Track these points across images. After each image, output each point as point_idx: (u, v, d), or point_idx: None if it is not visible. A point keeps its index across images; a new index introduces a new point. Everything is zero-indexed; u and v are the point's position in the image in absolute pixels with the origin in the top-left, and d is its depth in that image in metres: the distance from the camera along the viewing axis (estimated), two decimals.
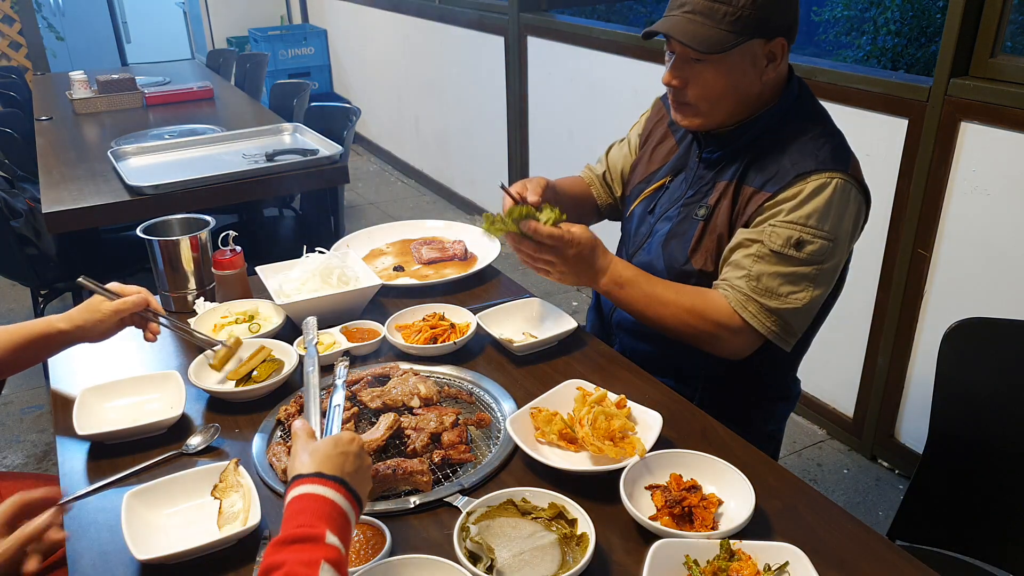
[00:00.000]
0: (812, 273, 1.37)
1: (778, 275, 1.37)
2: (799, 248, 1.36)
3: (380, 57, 5.74)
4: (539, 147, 4.14)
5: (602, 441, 1.19)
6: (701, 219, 1.48)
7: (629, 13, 9.19)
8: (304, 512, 0.84)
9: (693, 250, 1.48)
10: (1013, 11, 2.11)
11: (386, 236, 2.06)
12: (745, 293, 1.38)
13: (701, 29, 1.34)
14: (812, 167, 1.36)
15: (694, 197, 1.51)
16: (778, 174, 1.39)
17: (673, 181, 1.59)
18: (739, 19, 1.33)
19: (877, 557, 1.04)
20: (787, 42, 1.39)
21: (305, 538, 0.80)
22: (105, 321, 1.39)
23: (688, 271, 1.49)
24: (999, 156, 2.10)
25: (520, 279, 2.05)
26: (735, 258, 1.41)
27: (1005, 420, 1.39)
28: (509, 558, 1.00)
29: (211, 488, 1.14)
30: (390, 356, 1.53)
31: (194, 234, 1.69)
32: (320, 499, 0.86)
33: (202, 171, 2.60)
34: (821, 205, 1.35)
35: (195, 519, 1.11)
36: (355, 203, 5.20)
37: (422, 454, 1.21)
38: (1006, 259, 2.14)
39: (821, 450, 2.75)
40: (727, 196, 1.45)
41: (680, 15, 1.37)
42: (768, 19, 1.35)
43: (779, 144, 1.42)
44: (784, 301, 1.38)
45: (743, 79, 1.39)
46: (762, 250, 1.37)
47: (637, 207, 1.65)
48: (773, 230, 1.37)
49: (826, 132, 1.44)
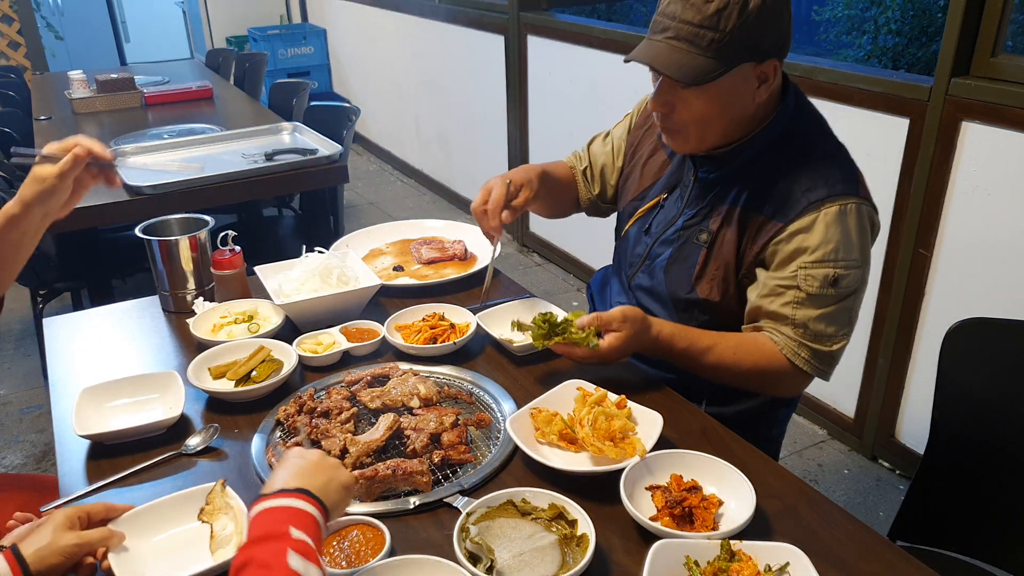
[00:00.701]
0: (851, 303, 1.36)
1: (822, 317, 1.34)
2: (835, 285, 1.33)
3: (380, 56, 5.74)
4: (539, 147, 4.14)
5: (602, 441, 1.19)
6: (704, 245, 1.44)
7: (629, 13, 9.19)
8: (266, 521, 0.85)
9: (697, 277, 1.45)
10: (1014, 11, 2.11)
11: (386, 236, 2.06)
12: (796, 340, 1.36)
13: (685, 58, 1.27)
14: (824, 194, 1.32)
15: (693, 220, 1.46)
16: (788, 202, 1.34)
17: (668, 198, 1.53)
18: (726, 45, 1.25)
19: (877, 557, 1.04)
20: (780, 61, 1.33)
21: (269, 536, 0.82)
22: (54, 189, 1.28)
23: (692, 299, 1.46)
24: (1000, 156, 2.10)
25: (520, 279, 2.04)
26: (773, 308, 1.36)
27: (1005, 420, 1.38)
28: (509, 559, 1.00)
29: (198, 512, 1.09)
30: (390, 356, 1.53)
31: (193, 234, 1.68)
32: (281, 508, 0.86)
33: (201, 171, 2.60)
34: (845, 235, 1.31)
35: (184, 546, 1.06)
36: (355, 203, 5.20)
37: (422, 454, 1.21)
38: (1007, 259, 2.14)
39: (821, 450, 2.75)
40: (731, 223, 1.40)
41: (663, 41, 1.29)
42: (757, 42, 1.27)
43: (782, 167, 1.37)
44: (834, 341, 1.36)
45: (734, 103, 1.33)
46: (799, 296, 1.34)
47: (632, 227, 1.60)
48: (807, 274, 1.32)
49: (829, 150, 1.39)
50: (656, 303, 1.53)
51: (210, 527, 1.07)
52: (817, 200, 1.32)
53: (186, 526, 1.09)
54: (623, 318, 1.35)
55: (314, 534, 0.85)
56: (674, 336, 1.39)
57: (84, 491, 1.18)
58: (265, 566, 0.78)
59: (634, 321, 1.35)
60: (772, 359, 1.37)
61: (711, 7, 1.24)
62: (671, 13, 1.29)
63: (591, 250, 3.86)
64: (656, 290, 1.51)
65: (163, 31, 8.74)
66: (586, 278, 3.89)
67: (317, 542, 0.85)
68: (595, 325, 1.35)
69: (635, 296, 1.58)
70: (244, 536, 0.97)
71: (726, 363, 1.39)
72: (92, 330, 1.67)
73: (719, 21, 1.24)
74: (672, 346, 1.39)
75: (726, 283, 1.43)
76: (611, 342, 1.34)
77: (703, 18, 1.25)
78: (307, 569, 0.79)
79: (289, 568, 0.78)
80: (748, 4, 1.24)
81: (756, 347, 1.39)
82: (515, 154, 4.29)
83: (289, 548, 0.80)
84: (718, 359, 1.39)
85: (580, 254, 3.98)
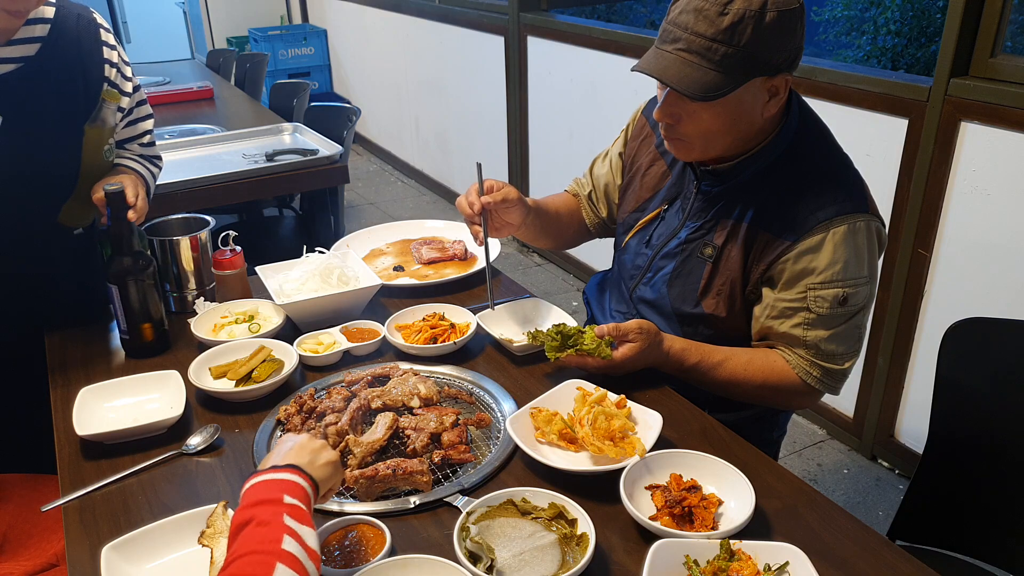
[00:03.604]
0: (860, 319, 1.36)
1: (833, 337, 1.34)
2: (845, 304, 1.32)
3: (380, 57, 5.74)
4: (539, 147, 4.14)
5: (602, 441, 1.19)
6: (708, 260, 1.41)
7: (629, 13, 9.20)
8: (260, 490, 0.90)
9: (703, 292, 1.43)
10: (1013, 11, 2.11)
11: (386, 236, 2.06)
12: (808, 360, 1.36)
13: (696, 72, 1.22)
14: (833, 213, 1.30)
15: (696, 233, 1.44)
16: (795, 220, 1.32)
17: (669, 210, 1.51)
18: (739, 59, 1.21)
19: (877, 557, 1.04)
20: (791, 75, 1.29)
21: (265, 500, 0.87)
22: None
23: (697, 314, 1.45)
24: (999, 156, 2.10)
25: (520, 279, 2.04)
26: (784, 330, 1.36)
27: (1005, 420, 1.39)
28: (509, 558, 1.00)
29: (198, 535, 1.05)
30: (390, 356, 1.53)
31: (194, 234, 1.69)
32: (274, 480, 0.92)
33: (202, 171, 2.60)
34: (853, 254, 1.30)
35: (183, 572, 1.02)
36: (355, 203, 5.20)
37: (422, 454, 1.21)
38: (1006, 259, 2.14)
39: (821, 450, 2.75)
40: (736, 239, 1.38)
41: (673, 53, 1.25)
42: (770, 57, 1.24)
43: (789, 183, 1.35)
44: (845, 360, 1.37)
45: (742, 117, 1.30)
46: (809, 317, 1.33)
47: (632, 239, 1.57)
48: (816, 295, 1.32)
49: (836, 165, 1.37)
50: (659, 316, 1.52)
51: (211, 551, 1.03)
52: (826, 219, 1.30)
53: (186, 550, 1.05)
54: (639, 329, 1.35)
55: (305, 502, 0.90)
56: (685, 351, 1.40)
57: (85, 491, 1.18)
58: (264, 524, 0.84)
59: (648, 333, 1.36)
60: (784, 377, 1.38)
61: (725, 20, 1.20)
62: (683, 24, 1.24)
63: (591, 250, 3.83)
64: (659, 303, 1.50)
65: (164, 32, 8.73)
66: (585, 278, 3.89)
67: (308, 509, 0.90)
68: (612, 335, 1.35)
69: (637, 308, 1.57)
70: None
71: (737, 379, 1.39)
72: (92, 329, 1.67)
73: (733, 35, 1.20)
74: (683, 361, 1.39)
75: (732, 299, 1.41)
76: (625, 352, 1.34)
77: (717, 31, 1.21)
78: (301, 529, 0.85)
79: (286, 526, 0.84)
80: (764, 18, 1.20)
81: (768, 364, 1.38)
82: (515, 154, 4.29)
83: (284, 512, 0.86)
84: (729, 375, 1.39)
85: (580, 254, 3.98)
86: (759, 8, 1.20)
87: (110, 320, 1.59)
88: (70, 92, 1.52)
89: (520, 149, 4.25)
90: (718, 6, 1.20)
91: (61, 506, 1.16)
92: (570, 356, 1.36)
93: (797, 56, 1.29)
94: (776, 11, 1.20)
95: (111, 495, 1.18)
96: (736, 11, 1.20)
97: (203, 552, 1.04)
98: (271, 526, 0.83)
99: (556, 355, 1.37)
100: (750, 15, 1.19)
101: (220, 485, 1.20)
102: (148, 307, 1.51)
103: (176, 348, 1.58)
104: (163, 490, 1.19)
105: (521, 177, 4.27)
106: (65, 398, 1.40)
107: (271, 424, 1.32)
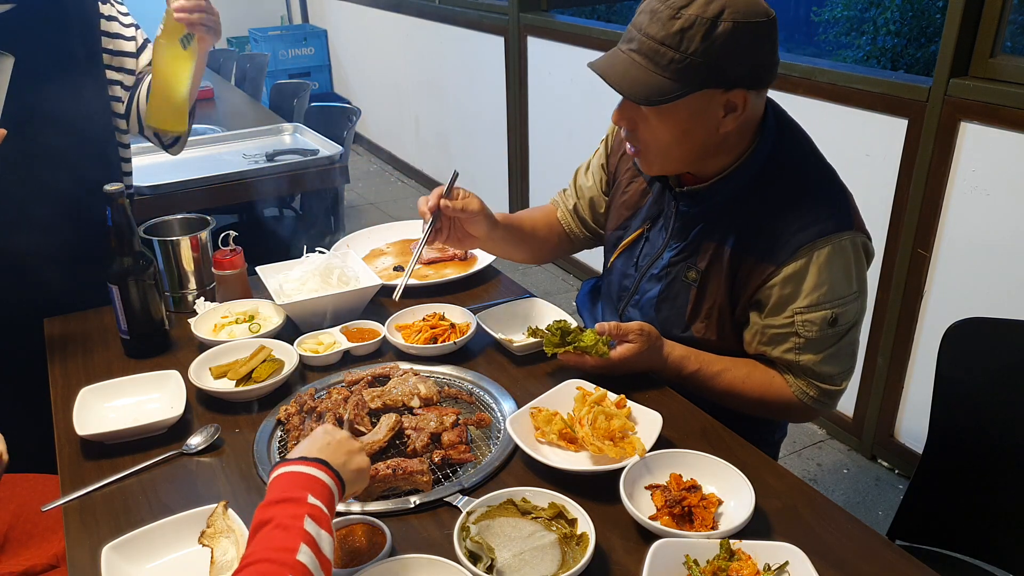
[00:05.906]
0: (852, 335, 1.35)
1: (827, 359, 1.33)
2: (835, 324, 1.30)
3: (380, 57, 5.74)
4: (539, 147, 4.14)
5: (602, 441, 1.19)
6: (693, 284, 1.39)
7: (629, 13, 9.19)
8: (285, 485, 0.90)
9: (691, 318, 1.42)
10: (1013, 11, 2.11)
11: (386, 236, 2.06)
12: (804, 381, 1.36)
13: (642, 74, 1.20)
14: (816, 234, 1.26)
15: (679, 256, 1.41)
16: (778, 244, 1.28)
17: (652, 229, 1.48)
18: (687, 67, 1.18)
19: (877, 557, 1.04)
20: (750, 92, 1.23)
21: (289, 499, 0.87)
22: None
23: (687, 338, 1.43)
24: (999, 156, 2.10)
25: (520, 279, 2.05)
26: (776, 355, 1.35)
27: (1005, 420, 1.39)
28: (509, 558, 1.00)
29: (198, 535, 1.05)
30: (390, 356, 1.53)
31: (194, 234, 1.69)
32: (302, 475, 0.91)
33: (202, 171, 2.60)
34: (838, 274, 1.28)
35: (184, 572, 1.02)
36: (355, 203, 5.20)
37: (422, 454, 1.21)
38: (1006, 259, 2.14)
39: (821, 450, 2.75)
40: (720, 264, 1.35)
41: (625, 53, 1.23)
42: (724, 69, 1.19)
43: (770, 204, 1.31)
44: (841, 379, 1.37)
45: (695, 130, 1.26)
46: (799, 342, 1.32)
47: (618, 259, 1.55)
48: (804, 319, 1.30)
49: (818, 181, 1.33)
50: None
51: (211, 551, 1.03)
52: (808, 241, 1.27)
53: (186, 550, 1.05)
54: (640, 331, 1.35)
55: (328, 504, 0.90)
56: (685, 358, 1.39)
57: (85, 491, 1.18)
58: (283, 527, 0.83)
59: (649, 336, 1.36)
60: (780, 395, 1.38)
61: (675, 24, 1.17)
62: (639, 24, 1.23)
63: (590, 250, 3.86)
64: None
65: None
66: (585, 278, 3.88)
67: (331, 511, 0.90)
68: (612, 334, 1.35)
69: None
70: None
71: (735, 391, 1.39)
72: (93, 329, 1.67)
73: (681, 41, 1.17)
74: (682, 368, 1.39)
75: (722, 323, 1.40)
76: (622, 352, 1.34)
77: (666, 35, 1.18)
78: (319, 534, 0.85)
79: (305, 531, 0.83)
80: (716, 28, 1.16)
81: (766, 380, 1.38)
82: (515, 154, 4.29)
83: (306, 514, 0.85)
84: (728, 386, 1.39)
85: (579, 254, 3.98)
86: (712, 17, 1.16)
87: (111, 320, 1.59)
88: (68, 33, 1.62)
89: (520, 149, 4.25)
90: (671, 9, 1.18)
91: (61, 506, 1.16)
92: (568, 353, 1.36)
93: (761, 73, 1.24)
94: (732, 22, 1.16)
95: (111, 495, 1.18)
96: (688, 16, 1.17)
97: (203, 552, 1.04)
98: (290, 532, 0.83)
99: (554, 350, 1.37)
100: (701, 22, 1.16)
101: (220, 485, 1.20)
102: (148, 307, 1.52)
103: (176, 348, 1.58)
104: (163, 490, 1.19)
105: (521, 177, 4.27)
106: (65, 398, 1.40)
107: (271, 424, 1.33)
